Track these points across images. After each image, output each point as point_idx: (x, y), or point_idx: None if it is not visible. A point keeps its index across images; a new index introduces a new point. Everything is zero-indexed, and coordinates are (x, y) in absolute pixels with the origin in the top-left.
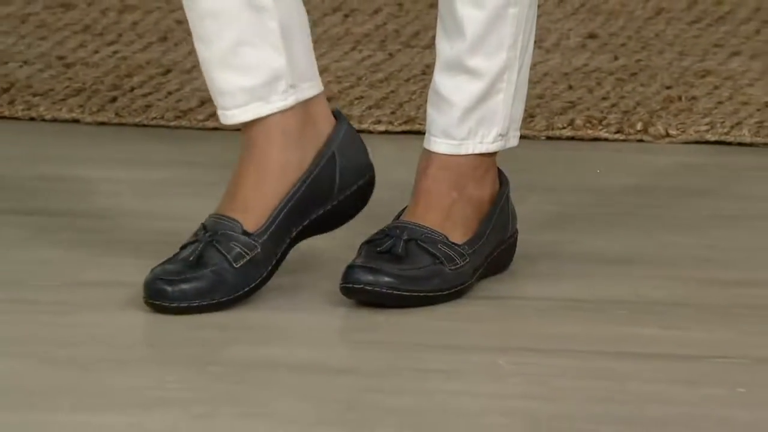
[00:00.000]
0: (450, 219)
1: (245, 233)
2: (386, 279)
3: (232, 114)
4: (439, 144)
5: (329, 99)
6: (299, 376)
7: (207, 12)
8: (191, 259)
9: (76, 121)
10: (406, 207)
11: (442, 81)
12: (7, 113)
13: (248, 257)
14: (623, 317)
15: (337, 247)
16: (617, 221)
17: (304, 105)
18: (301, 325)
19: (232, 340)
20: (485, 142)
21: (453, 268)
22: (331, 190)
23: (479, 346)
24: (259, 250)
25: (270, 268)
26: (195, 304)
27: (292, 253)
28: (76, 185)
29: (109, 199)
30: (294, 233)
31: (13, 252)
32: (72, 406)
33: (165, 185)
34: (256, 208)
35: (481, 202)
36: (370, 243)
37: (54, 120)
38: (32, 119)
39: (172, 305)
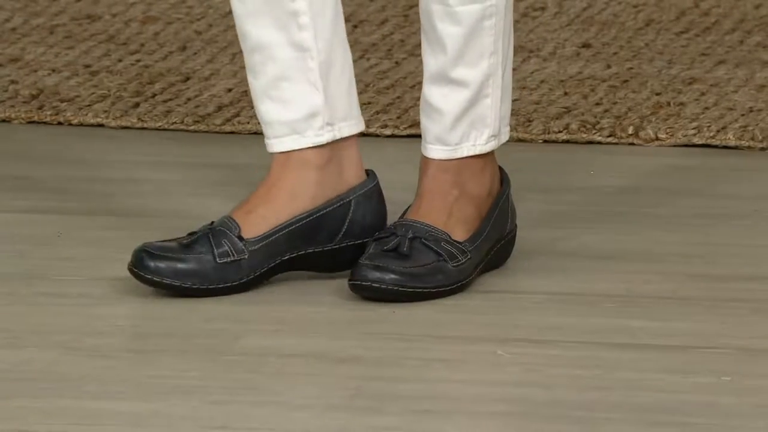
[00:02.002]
0: (452, 217)
1: (240, 237)
2: (392, 276)
3: (271, 143)
4: (435, 150)
5: None
6: (310, 365)
7: (255, 46)
8: (183, 243)
9: (100, 125)
10: (410, 205)
11: (431, 92)
12: (36, 118)
13: (232, 258)
14: (614, 310)
15: None
16: (609, 219)
17: (337, 148)
18: (312, 317)
19: (246, 332)
20: (478, 144)
21: (455, 264)
22: (336, 234)
23: (479, 337)
24: (246, 256)
25: (252, 277)
26: (167, 282)
27: None
28: (100, 186)
29: (131, 199)
30: (288, 257)
31: (41, 248)
32: (96, 394)
33: (184, 186)
34: (259, 217)
35: (482, 199)
36: (377, 241)
37: (80, 124)
38: (59, 124)
39: (147, 276)
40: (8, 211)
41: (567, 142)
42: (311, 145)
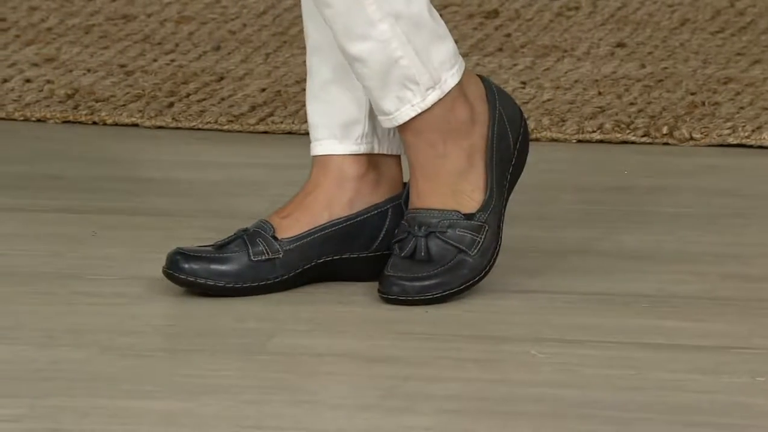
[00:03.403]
0: (444, 185)
1: (274, 237)
2: (414, 285)
3: (312, 146)
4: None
5: None
6: (343, 365)
7: (313, 47)
8: (218, 245)
9: (135, 125)
10: (409, 181)
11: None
12: (71, 118)
13: (267, 257)
14: (648, 310)
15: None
16: (643, 219)
17: (375, 159)
18: (345, 317)
19: (279, 331)
20: (416, 102)
21: (475, 251)
22: (372, 241)
23: (512, 337)
24: (280, 255)
25: (287, 276)
26: (201, 282)
27: None
28: (135, 185)
29: (165, 199)
30: (323, 260)
31: (76, 248)
32: (130, 393)
33: (218, 185)
34: (294, 220)
35: (472, 143)
36: (398, 243)
37: (115, 124)
38: (95, 123)
39: (181, 277)
40: (43, 210)
41: (601, 141)
42: (348, 153)
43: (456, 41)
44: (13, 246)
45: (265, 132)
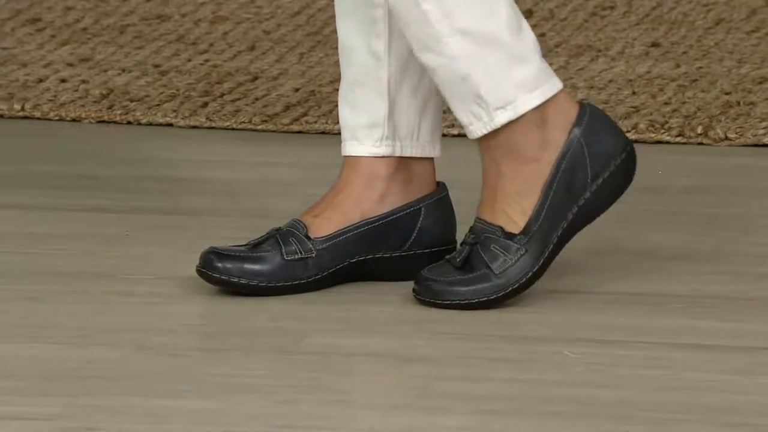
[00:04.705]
0: (498, 202)
1: (307, 236)
2: (432, 287)
3: (342, 146)
4: (467, 132)
5: None
6: (376, 365)
7: (342, 47)
8: (251, 244)
9: (169, 125)
10: None
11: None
12: (106, 117)
13: (300, 256)
14: (682, 310)
15: None
16: (677, 219)
17: (404, 160)
18: (378, 316)
19: (313, 331)
20: (485, 120)
21: (500, 271)
22: (404, 242)
23: (545, 337)
24: (313, 254)
25: (320, 276)
26: (234, 281)
27: None
28: (169, 185)
29: (199, 199)
30: (356, 259)
31: (111, 247)
32: (163, 392)
33: (252, 185)
34: (325, 219)
35: (537, 168)
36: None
37: (149, 124)
38: (129, 123)
39: (215, 276)
40: (78, 209)
41: (635, 141)
42: (368, 155)
43: None
44: (47, 245)
45: (299, 132)
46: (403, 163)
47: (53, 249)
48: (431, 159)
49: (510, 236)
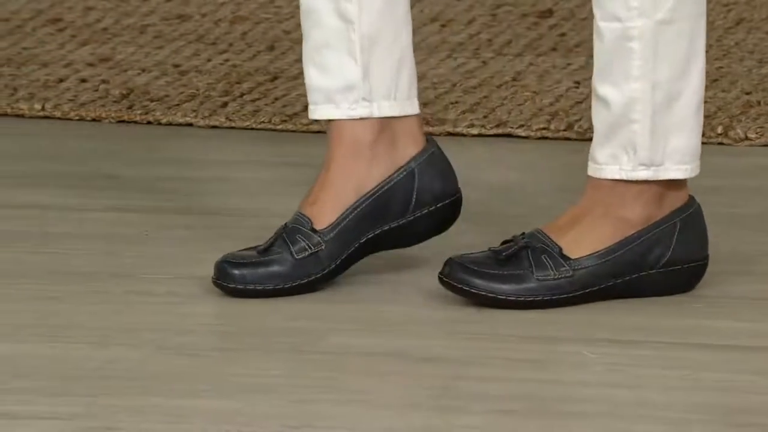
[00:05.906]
0: (573, 232)
1: (313, 230)
2: (462, 275)
3: (311, 109)
4: (589, 167)
5: (425, 104)
6: (394, 364)
7: (305, 10)
8: (261, 249)
9: (189, 125)
10: None
11: (592, 103)
12: (126, 117)
13: (310, 251)
14: (702, 310)
15: (442, 245)
16: None
17: (385, 121)
18: (396, 316)
19: (330, 330)
20: (625, 169)
21: (540, 275)
22: (406, 206)
23: (565, 337)
24: (323, 247)
25: (333, 266)
26: (251, 288)
27: (397, 250)
28: (188, 185)
29: (219, 198)
30: (364, 239)
31: (130, 247)
32: (182, 392)
33: (272, 185)
34: (325, 205)
35: (627, 225)
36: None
37: (169, 124)
38: (149, 123)
39: (230, 286)
40: (97, 209)
41: None
42: (346, 117)
43: (509, 41)
44: (67, 245)
45: (319, 132)
46: (385, 126)
47: (73, 249)
48: (414, 117)
49: (566, 258)
